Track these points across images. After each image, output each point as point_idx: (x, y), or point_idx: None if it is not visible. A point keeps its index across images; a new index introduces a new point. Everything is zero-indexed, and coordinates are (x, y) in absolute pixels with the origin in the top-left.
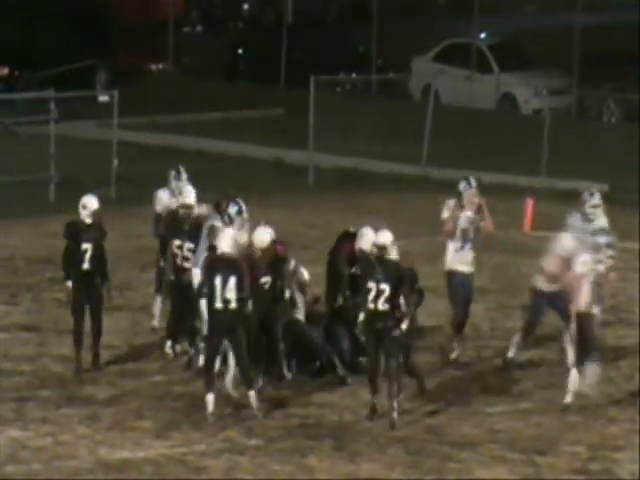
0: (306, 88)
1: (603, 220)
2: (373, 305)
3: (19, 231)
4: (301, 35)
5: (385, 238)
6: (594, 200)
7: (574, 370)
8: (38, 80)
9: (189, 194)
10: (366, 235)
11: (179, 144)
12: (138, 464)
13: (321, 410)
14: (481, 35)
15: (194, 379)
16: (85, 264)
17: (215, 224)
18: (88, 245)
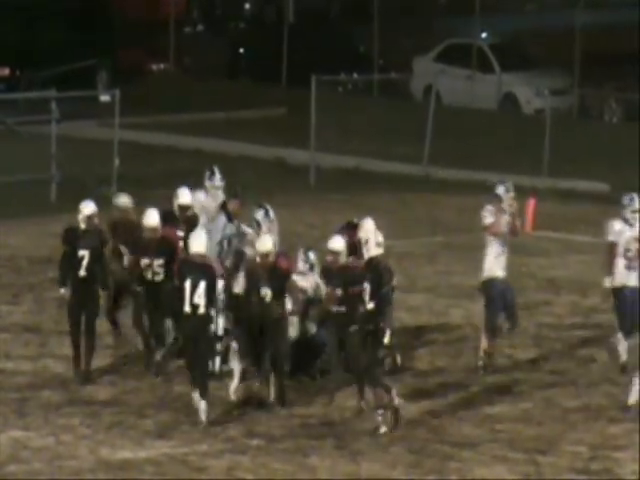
0: (307, 88)
1: None
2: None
3: (21, 231)
4: (302, 34)
5: (337, 244)
6: (634, 205)
7: None
8: (40, 80)
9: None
10: (366, 225)
11: (180, 144)
12: (139, 464)
13: (322, 410)
14: (482, 35)
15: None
16: (82, 271)
17: (244, 229)
18: (85, 252)
